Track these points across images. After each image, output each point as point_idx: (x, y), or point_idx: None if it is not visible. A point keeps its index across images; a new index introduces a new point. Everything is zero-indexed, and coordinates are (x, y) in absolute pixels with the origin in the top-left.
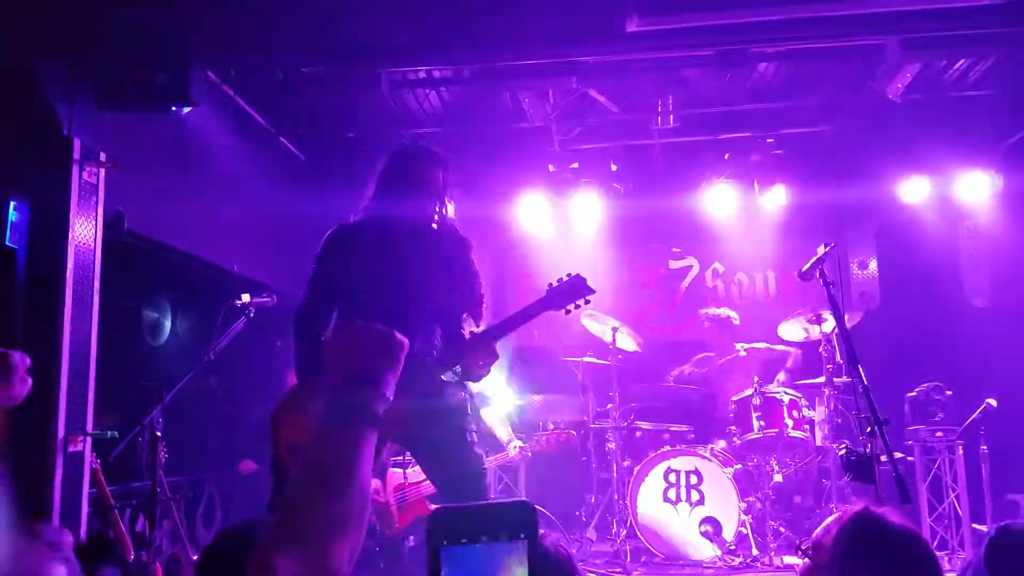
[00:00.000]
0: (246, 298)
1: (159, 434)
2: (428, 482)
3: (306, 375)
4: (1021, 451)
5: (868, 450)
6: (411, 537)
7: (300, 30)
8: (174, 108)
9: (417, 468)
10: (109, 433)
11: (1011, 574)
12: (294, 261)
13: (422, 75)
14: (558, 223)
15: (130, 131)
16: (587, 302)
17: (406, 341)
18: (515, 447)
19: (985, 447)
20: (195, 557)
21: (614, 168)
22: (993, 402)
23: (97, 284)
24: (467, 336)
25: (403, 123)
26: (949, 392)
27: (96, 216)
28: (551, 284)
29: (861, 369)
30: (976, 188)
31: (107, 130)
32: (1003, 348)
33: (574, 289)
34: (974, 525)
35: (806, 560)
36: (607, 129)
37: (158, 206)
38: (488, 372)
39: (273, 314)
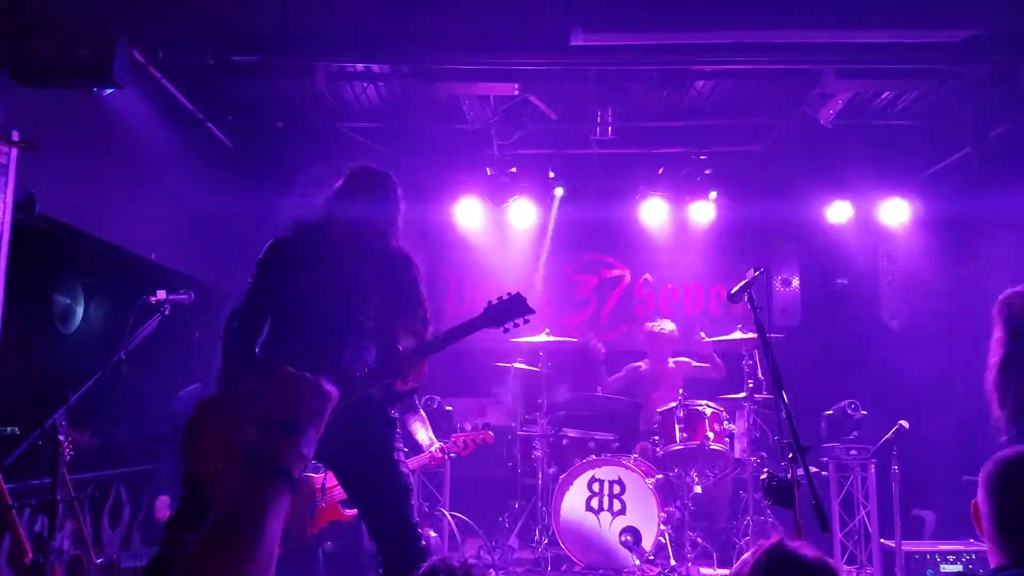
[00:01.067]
0: (161, 295)
1: (62, 438)
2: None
3: (231, 385)
4: (927, 469)
5: (789, 476)
6: (327, 543)
7: (233, 15)
8: (96, 89)
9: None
10: (9, 429)
11: None
12: (217, 251)
13: (360, 68)
14: (494, 227)
15: (47, 110)
16: (526, 321)
17: (335, 393)
18: (435, 448)
19: (896, 467)
20: (99, 560)
21: (552, 175)
22: (905, 424)
23: (3, 267)
24: (399, 352)
25: (338, 115)
26: (864, 412)
27: (5, 198)
28: (490, 302)
29: (784, 395)
30: (896, 214)
31: (22, 107)
32: (915, 370)
33: (513, 308)
34: (882, 540)
35: None
36: (546, 136)
37: (74, 190)
38: (414, 388)
39: (192, 304)
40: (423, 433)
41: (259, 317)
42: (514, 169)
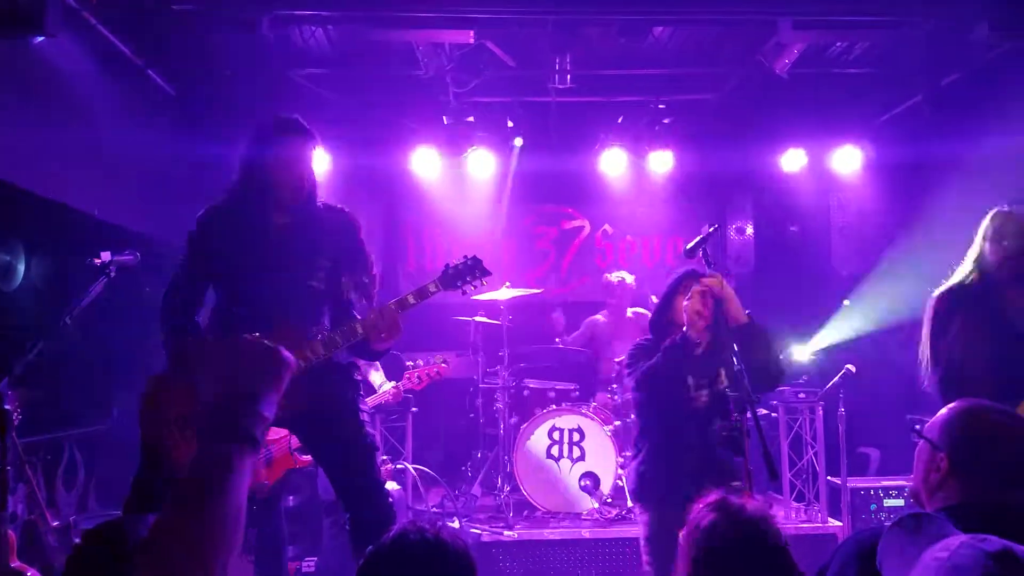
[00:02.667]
0: (106, 256)
1: (8, 408)
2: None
3: (181, 357)
4: (872, 409)
5: (740, 427)
6: (289, 497)
7: None
8: (28, 38)
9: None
10: None
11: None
12: (162, 204)
13: (308, 11)
14: (453, 178)
15: None
16: (483, 283)
17: (292, 360)
18: (388, 387)
19: (843, 409)
20: (55, 523)
21: (510, 124)
22: (852, 368)
23: None
24: (359, 315)
25: (285, 61)
26: (813, 356)
27: None
28: (447, 265)
29: (736, 347)
30: (848, 162)
31: None
32: (862, 315)
33: (470, 270)
34: (829, 478)
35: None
36: (504, 84)
37: (9, 144)
38: (390, 347)
39: (139, 260)
40: (375, 375)
41: (199, 288)
42: (471, 118)
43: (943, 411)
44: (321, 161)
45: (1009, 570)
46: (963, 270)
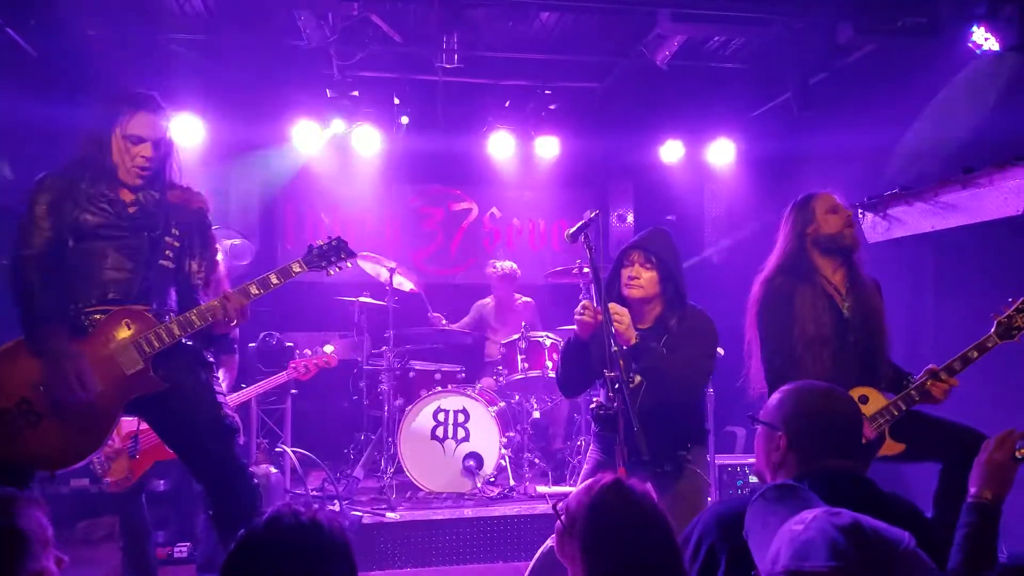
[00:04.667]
0: None
1: None
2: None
3: (43, 321)
4: (738, 392)
5: (615, 406)
6: (159, 482)
7: None
8: None
9: None
10: None
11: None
12: (23, 169)
13: None
14: (337, 154)
15: None
16: (349, 264)
17: None
18: (270, 378)
19: (712, 390)
20: None
21: (397, 102)
22: (721, 350)
23: None
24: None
25: (158, 26)
26: None
27: None
28: (311, 246)
29: (614, 330)
30: (722, 154)
31: None
32: (730, 300)
33: (335, 251)
34: None
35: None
36: (390, 59)
37: None
38: (229, 332)
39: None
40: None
41: (49, 262)
42: (356, 92)
43: (775, 395)
44: (195, 132)
45: (856, 542)
46: (784, 252)
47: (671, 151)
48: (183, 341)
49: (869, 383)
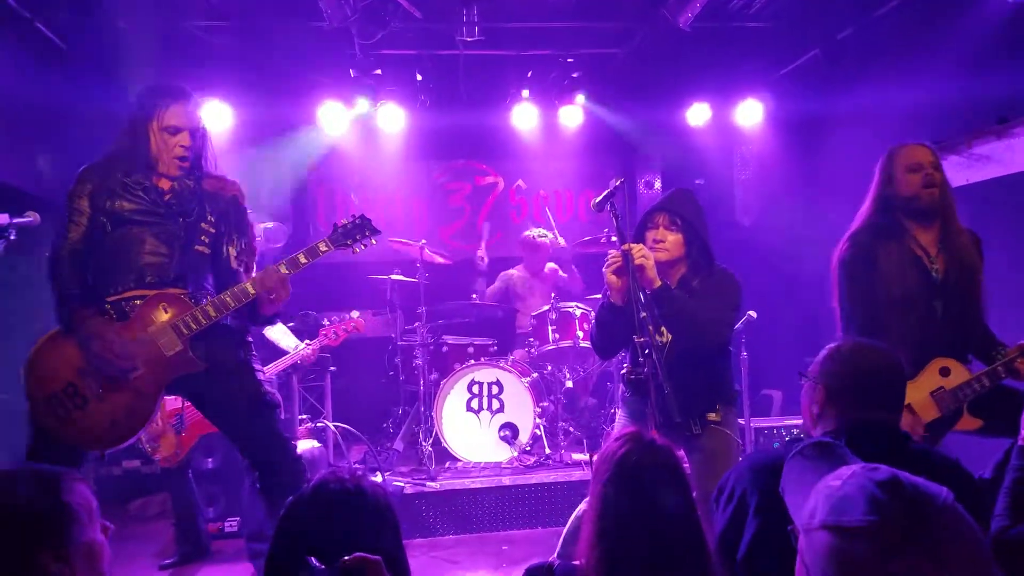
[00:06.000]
0: (4, 219)
1: None
2: None
3: (74, 307)
4: (773, 354)
5: (645, 371)
6: (208, 460)
7: None
8: None
9: None
10: None
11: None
12: (59, 164)
13: None
14: (361, 132)
15: None
16: (373, 242)
17: None
18: (301, 348)
19: (745, 353)
20: None
21: (419, 79)
22: (754, 314)
23: None
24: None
25: (183, 13)
26: None
27: None
28: (335, 225)
29: (642, 296)
30: (750, 115)
31: None
32: (763, 263)
33: (359, 229)
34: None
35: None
36: (412, 36)
37: None
38: (279, 310)
39: (42, 225)
40: (286, 340)
41: (84, 253)
42: (379, 71)
43: (823, 351)
44: (223, 116)
45: (895, 497)
46: (870, 208)
47: (698, 114)
48: (222, 322)
49: (955, 353)
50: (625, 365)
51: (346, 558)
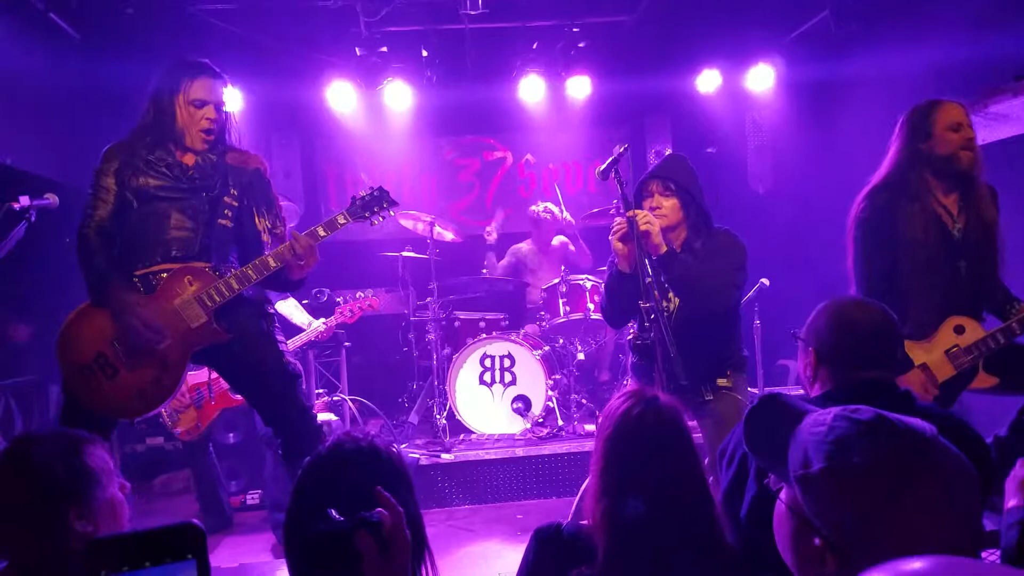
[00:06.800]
0: (25, 201)
1: None
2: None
3: (104, 281)
4: (788, 323)
5: (651, 336)
6: (229, 435)
7: None
8: None
9: None
10: None
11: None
12: (74, 149)
13: None
14: (369, 111)
15: None
16: (392, 213)
17: None
18: (316, 325)
19: (758, 321)
20: None
21: (425, 54)
22: (766, 281)
23: None
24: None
25: None
26: None
27: None
28: (353, 197)
29: (648, 264)
30: (761, 80)
31: None
32: (778, 230)
33: (377, 201)
34: (749, 389)
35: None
36: (416, 12)
37: None
38: (306, 275)
39: (60, 209)
40: (299, 316)
41: (111, 229)
42: (385, 48)
43: (814, 312)
44: (234, 99)
45: (885, 432)
46: (894, 165)
47: (708, 81)
48: (245, 295)
49: (971, 311)
50: (632, 331)
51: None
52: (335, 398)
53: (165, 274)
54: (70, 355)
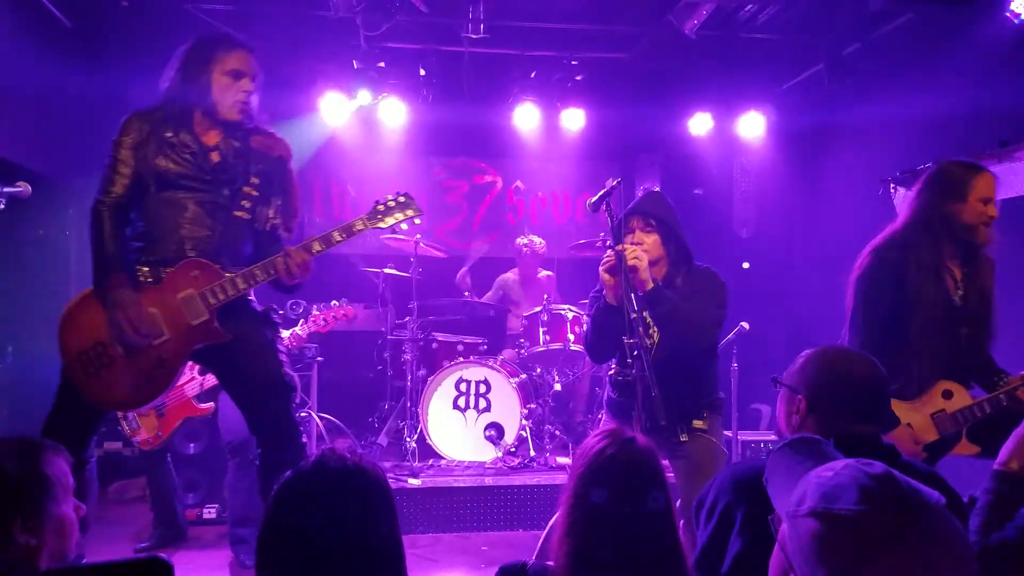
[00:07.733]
0: None
1: None
2: (192, 383)
3: (107, 271)
4: (765, 366)
5: (633, 373)
6: (190, 445)
7: None
8: None
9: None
10: None
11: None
12: (54, 140)
13: None
14: (363, 126)
15: None
16: (416, 222)
17: None
18: (287, 335)
19: (736, 364)
20: None
21: (423, 73)
22: (746, 325)
23: None
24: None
25: None
26: None
27: None
28: (377, 202)
29: (634, 299)
30: (752, 127)
31: None
32: (758, 275)
33: (401, 208)
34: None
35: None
36: (416, 30)
37: None
38: (300, 285)
39: (34, 200)
40: None
41: (126, 209)
42: (382, 64)
43: (798, 358)
44: None
45: (888, 490)
46: (911, 224)
47: (700, 124)
48: (251, 301)
49: (962, 378)
50: (613, 366)
51: None
52: (302, 415)
53: (172, 270)
54: (70, 339)
